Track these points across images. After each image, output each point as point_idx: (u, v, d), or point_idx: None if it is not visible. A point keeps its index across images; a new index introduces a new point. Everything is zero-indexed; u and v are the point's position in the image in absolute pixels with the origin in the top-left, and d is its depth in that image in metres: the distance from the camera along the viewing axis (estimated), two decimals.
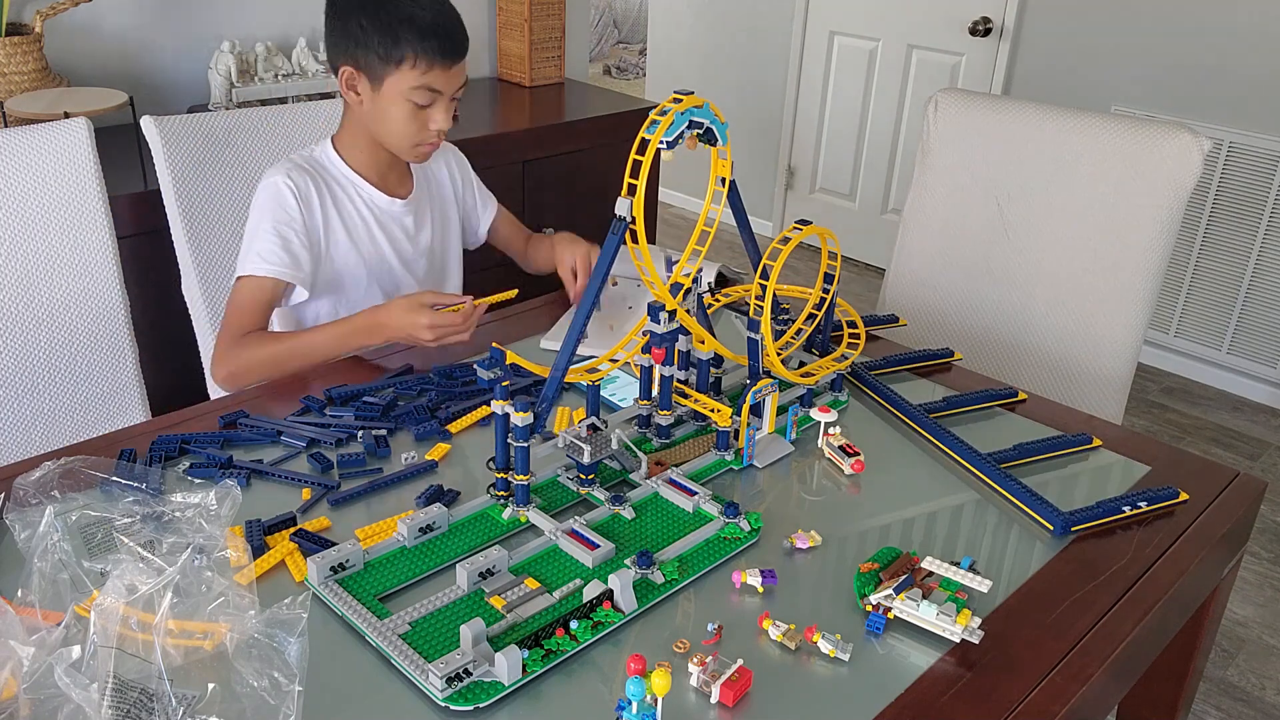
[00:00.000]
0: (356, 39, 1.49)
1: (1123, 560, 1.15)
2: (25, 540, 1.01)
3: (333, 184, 1.60)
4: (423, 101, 1.51)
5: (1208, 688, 2.13)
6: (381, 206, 1.63)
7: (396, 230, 1.66)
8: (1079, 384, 1.87)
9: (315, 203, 1.57)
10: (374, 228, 1.63)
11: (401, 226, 1.66)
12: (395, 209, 1.65)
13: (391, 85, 1.50)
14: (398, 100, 1.50)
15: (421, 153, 1.59)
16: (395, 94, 1.50)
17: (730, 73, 4.40)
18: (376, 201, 1.63)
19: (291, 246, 1.53)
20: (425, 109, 1.52)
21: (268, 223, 1.53)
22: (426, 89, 1.50)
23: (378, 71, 1.49)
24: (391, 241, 1.65)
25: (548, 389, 1.17)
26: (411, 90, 1.49)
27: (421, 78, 1.49)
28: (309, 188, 1.56)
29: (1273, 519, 2.70)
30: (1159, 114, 3.19)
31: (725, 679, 0.92)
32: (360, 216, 1.62)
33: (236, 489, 1.09)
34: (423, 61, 1.48)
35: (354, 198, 1.61)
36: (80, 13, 2.27)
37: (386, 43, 1.47)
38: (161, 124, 1.71)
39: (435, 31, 1.47)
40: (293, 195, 1.54)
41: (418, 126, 1.53)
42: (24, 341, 1.58)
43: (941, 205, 2.00)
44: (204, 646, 0.89)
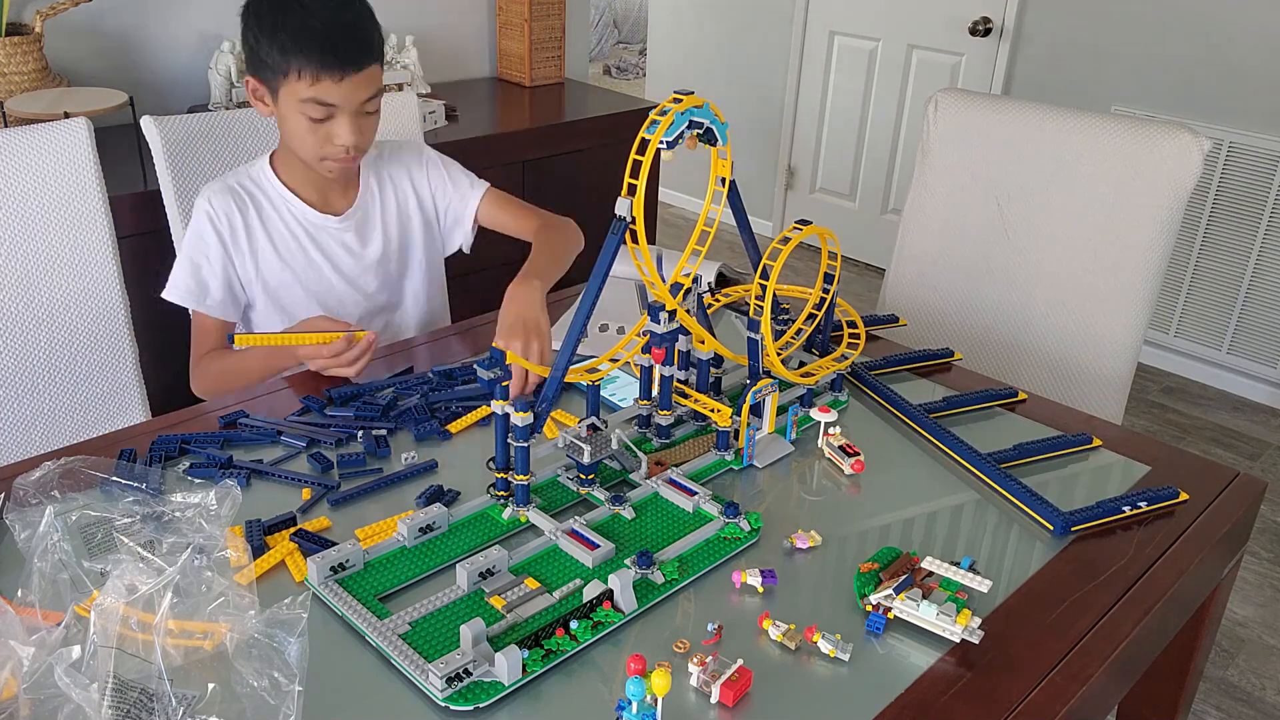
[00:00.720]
0: (251, 49, 1.44)
1: (1123, 560, 1.15)
2: (25, 540, 1.01)
3: (263, 202, 1.56)
4: (317, 115, 1.43)
5: (1208, 688, 2.13)
6: (314, 223, 1.58)
7: (335, 246, 1.60)
8: (1079, 384, 1.87)
9: (240, 226, 1.54)
10: (307, 245, 1.58)
11: (340, 243, 1.61)
12: (330, 225, 1.59)
13: (284, 98, 1.43)
14: (293, 114, 1.44)
15: (330, 168, 1.51)
16: (290, 107, 1.43)
17: (730, 73, 4.40)
18: (309, 218, 1.58)
19: (200, 274, 1.54)
20: (324, 123, 1.44)
21: (185, 249, 1.56)
22: (316, 102, 1.41)
23: (271, 83, 1.44)
24: (329, 258, 1.60)
25: (547, 389, 1.17)
26: (302, 103, 1.42)
27: (309, 90, 1.41)
28: (233, 211, 1.54)
29: (1273, 519, 2.70)
30: (1159, 114, 3.19)
31: (725, 679, 0.92)
32: (291, 234, 1.57)
33: (236, 489, 1.09)
34: (308, 73, 1.39)
35: (285, 215, 1.57)
36: (80, 13, 2.27)
37: (273, 53, 1.40)
38: (161, 124, 1.71)
39: (321, 42, 1.38)
40: (209, 222, 1.53)
41: (320, 140, 1.46)
42: (24, 341, 1.58)
43: (941, 205, 2.00)
44: (204, 646, 0.89)
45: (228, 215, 1.54)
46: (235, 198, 1.55)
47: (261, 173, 1.58)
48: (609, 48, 7.41)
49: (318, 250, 1.60)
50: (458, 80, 3.04)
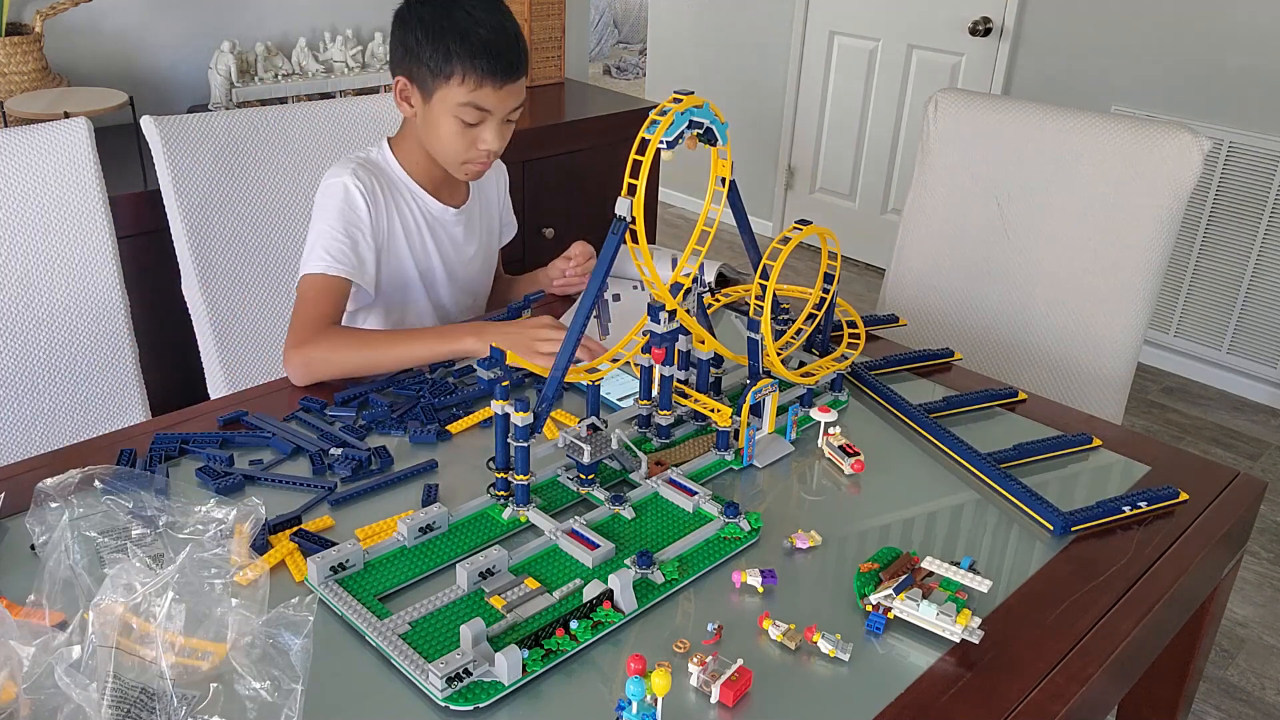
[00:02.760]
0: (411, 50, 1.47)
1: (1123, 560, 1.15)
2: (42, 545, 1.01)
3: (392, 187, 1.58)
4: (471, 120, 1.48)
5: (1208, 688, 2.13)
6: (435, 214, 1.62)
7: (445, 239, 1.64)
8: (1079, 384, 1.87)
9: (381, 203, 1.55)
10: (426, 235, 1.62)
11: (450, 236, 1.65)
12: (448, 217, 1.63)
13: (440, 100, 1.48)
14: (446, 116, 1.48)
15: (470, 171, 1.56)
16: (443, 109, 1.48)
17: (730, 73, 4.40)
18: (430, 209, 1.61)
19: (359, 248, 1.51)
20: (474, 127, 1.50)
21: (338, 222, 1.50)
22: (474, 107, 1.47)
23: (428, 85, 1.47)
24: (440, 250, 1.64)
25: (547, 389, 1.17)
26: (459, 107, 1.47)
27: (470, 95, 1.46)
28: (375, 188, 1.54)
29: (1273, 519, 2.70)
30: (1159, 114, 3.19)
31: (725, 679, 0.92)
32: (415, 222, 1.60)
33: (261, 508, 1.07)
34: (471, 79, 1.45)
35: (410, 202, 1.59)
36: (80, 13, 2.27)
37: (437, 57, 1.45)
38: (161, 124, 1.71)
39: (488, 50, 1.44)
40: (361, 196, 1.52)
41: (466, 144, 1.51)
42: (24, 341, 1.58)
43: (941, 205, 2.00)
44: (202, 666, 0.89)
45: (371, 191, 1.53)
46: (374, 175, 1.55)
47: (386, 159, 1.59)
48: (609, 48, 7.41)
49: (433, 239, 1.63)
50: None
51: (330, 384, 1.44)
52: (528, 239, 2.71)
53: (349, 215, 1.51)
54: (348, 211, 1.51)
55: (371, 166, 1.57)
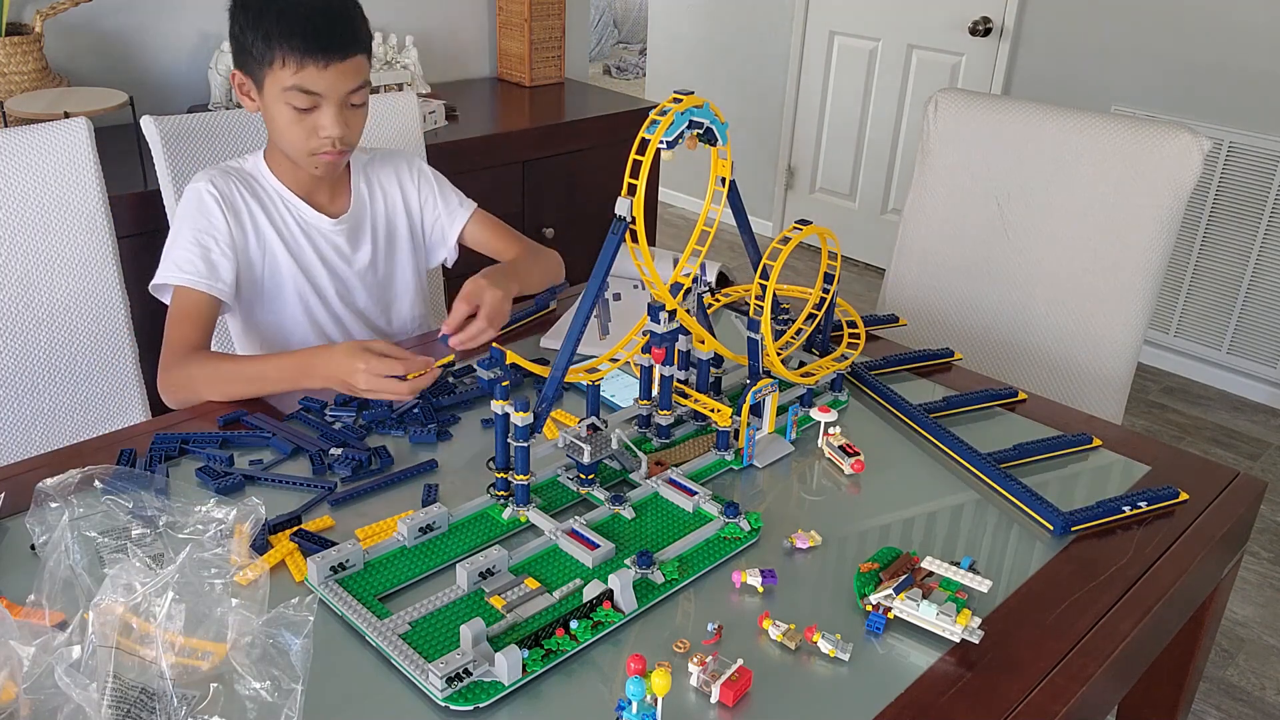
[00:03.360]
0: (238, 40, 1.41)
1: (1123, 560, 1.15)
2: (42, 545, 1.01)
3: (262, 195, 1.53)
4: (302, 105, 1.40)
5: (1208, 688, 2.13)
6: (310, 222, 1.55)
7: (327, 247, 1.58)
8: (1079, 384, 1.87)
9: (242, 209, 1.50)
10: (304, 242, 1.55)
11: (333, 245, 1.58)
12: (324, 226, 1.56)
13: (269, 88, 1.40)
14: (277, 103, 1.41)
15: (317, 163, 1.47)
16: (274, 97, 1.41)
17: (730, 73, 4.40)
18: (305, 216, 1.55)
19: (210, 256, 1.46)
20: (309, 113, 1.41)
21: (187, 231, 1.46)
22: (300, 90, 1.38)
23: (258, 74, 1.41)
24: (324, 260, 1.57)
25: (547, 389, 1.17)
26: (285, 92, 1.39)
27: (293, 78, 1.38)
28: (234, 194, 1.49)
29: (1273, 519, 2.70)
30: (1159, 114, 3.19)
31: (725, 679, 0.92)
32: (290, 230, 1.54)
33: (261, 508, 1.07)
34: (292, 60, 1.36)
35: (283, 211, 1.54)
36: (80, 13, 2.27)
37: (258, 42, 1.38)
38: (161, 124, 1.71)
39: (305, 27, 1.35)
40: (215, 202, 1.47)
41: (305, 133, 1.42)
42: (24, 341, 1.58)
43: (941, 205, 2.00)
44: (201, 666, 0.89)
45: (230, 197, 1.48)
46: (237, 181, 1.51)
47: (257, 167, 1.54)
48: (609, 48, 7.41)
49: (312, 248, 1.57)
50: (458, 80, 3.04)
51: None
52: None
53: (198, 222, 1.46)
54: (197, 218, 1.47)
55: (237, 174, 1.52)
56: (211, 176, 1.49)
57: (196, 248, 1.46)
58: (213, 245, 1.47)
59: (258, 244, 1.52)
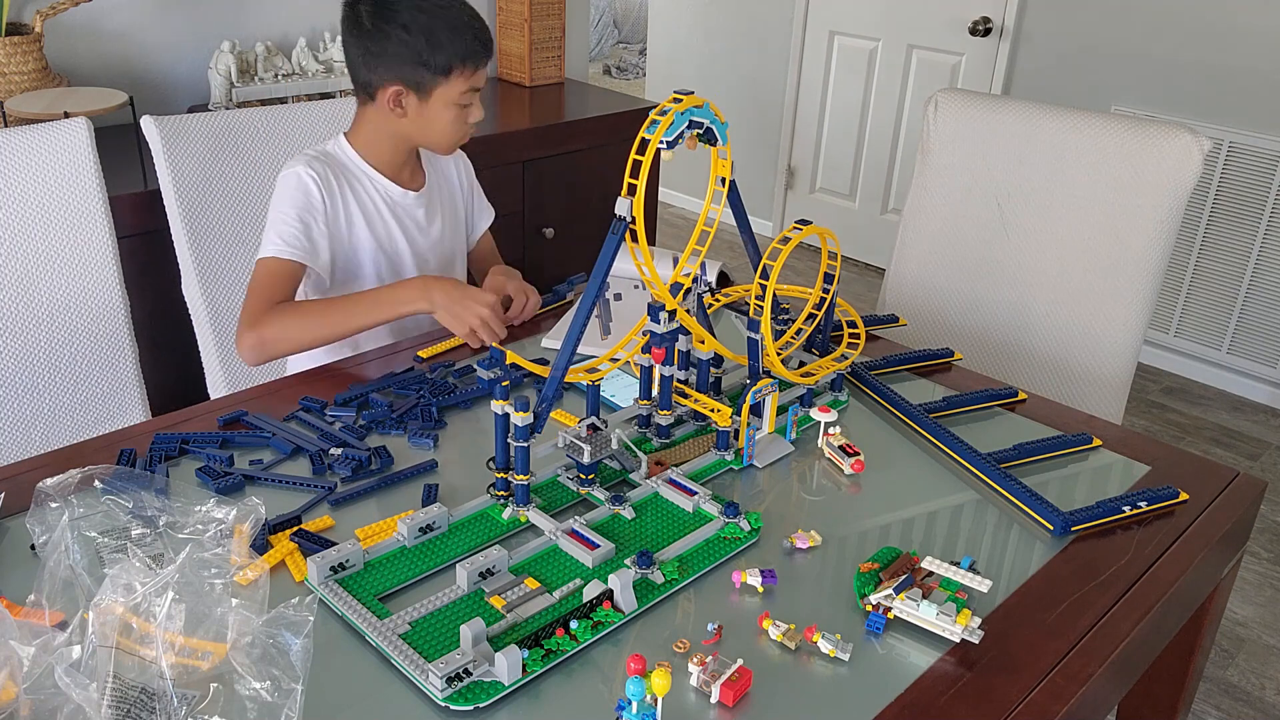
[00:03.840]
0: (400, 55, 1.49)
1: (1123, 560, 1.15)
2: (42, 545, 1.01)
3: (349, 175, 1.61)
4: (467, 103, 1.55)
5: (1208, 688, 2.13)
6: (395, 198, 1.64)
7: (409, 222, 1.67)
8: (1079, 384, 1.87)
9: (336, 191, 1.58)
10: (389, 218, 1.64)
11: (414, 218, 1.67)
12: (408, 200, 1.66)
13: (440, 95, 1.52)
14: (446, 107, 1.53)
15: (457, 145, 1.63)
16: (444, 102, 1.53)
17: (730, 73, 4.40)
18: (391, 193, 1.64)
19: (311, 233, 1.54)
20: (467, 108, 1.56)
21: (290, 209, 1.53)
22: (473, 90, 1.54)
23: (426, 85, 1.51)
24: (405, 232, 1.66)
25: (547, 389, 1.17)
26: (460, 95, 1.53)
27: (468, 81, 1.52)
28: (329, 176, 1.57)
29: (1273, 519, 2.70)
30: (1159, 114, 3.19)
31: (725, 679, 0.92)
32: (376, 207, 1.63)
33: (261, 507, 1.07)
34: (470, 65, 1.51)
35: (369, 189, 1.62)
36: (80, 13, 2.27)
37: (434, 55, 1.49)
38: (161, 124, 1.71)
39: (475, 36, 1.51)
40: (315, 184, 1.54)
41: (461, 125, 1.58)
42: (24, 341, 1.58)
43: (941, 205, 2.00)
44: (201, 667, 0.89)
45: (325, 180, 1.56)
46: (329, 165, 1.58)
47: (343, 150, 1.62)
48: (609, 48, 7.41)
49: (396, 223, 1.65)
50: None
51: (329, 384, 1.44)
52: (528, 239, 2.71)
53: (301, 201, 1.54)
54: (300, 198, 1.54)
55: (327, 158, 1.60)
56: (308, 160, 1.57)
57: (299, 224, 1.53)
58: (313, 223, 1.55)
59: (346, 222, 1.60)
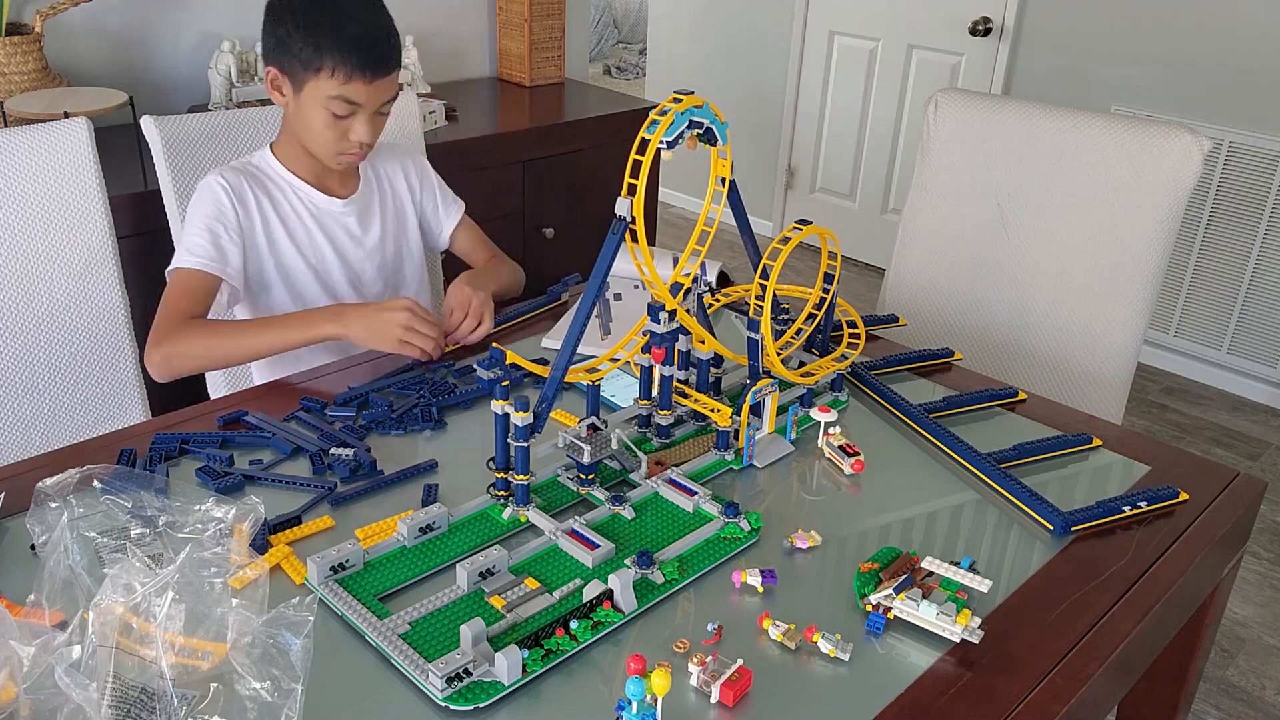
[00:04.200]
0: (282, 42, 1.47)
1: (1123, 560, 1.15)
2: (42, 545, 1.01)
3: (270, 186, 1.58)
4: (340, 112, 1.49)
5: (1208, 688, 2.13)
6: (320, 206, 1.62)
7: (338, 230, 1.64)
8: (1079, 384, 1.87)
9: (250, 200, 1.56)
10: (313, 228, 1.61)
11: (343, 226, 1.64)
12: (335, 209, 1.63)
13: (310, 92, 1.48)
14: (316, 107, 1.49)
15: (341, 161, 1.57)
16: (314, 101, 1.48)
17: (730, 73, 4.40)
18: (315, 201, 1.61)
19: (220, 241, 1.52)
20: (344, 119, 1.50)
21: (199, 219, 1.52)
22: (343, 100, 1.47)
23: (298, 76, 1.48)
24: (333, 241, 1.63)
25: (547, 389, 1.17)
26: (329, 99, 1.47)
27: (340, 88, 1.46)
28: (243, 186, 1.55)
29: (1273, 519, 2.70)
30: (1159, 114, 3.19)
31: (725, 679, 0.92)
32: (298, 217, 1.60)
33: (260, 506, 1.07)
34: (341, 73, 1.45)
35: (292, 199, 1.60)
36: (80, 13, 2.27)
37: (308, 50, 1.45)
38: (161, 124, 1.71)
39: (358, 45, 1.45)
40: (224, 192, 1.53)
41: (337, 136, 1.52)
42: (24, 341, 1.58)
43: (941, 205, 2.00)
44: (201, 667, 0.89)
45: (240, 191, 1.55)
46: (246, 177, 1.57)
47: (264, 160, 1.61)
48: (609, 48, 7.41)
49: (322, 233, 1.62)
50: (458, 80, 3.04)
51: (329, 386, 1.44)
52: (528, 239, 2.71)
53: (209, 211, 1.53)
54: (208, 208, 1.53)
55: (245, 169, 1.58)
56: (222, 171, 1.56)
57: (207, 234, 1.52)
58: (221, 232, 1.53)
59: (265, 234, 1.58)
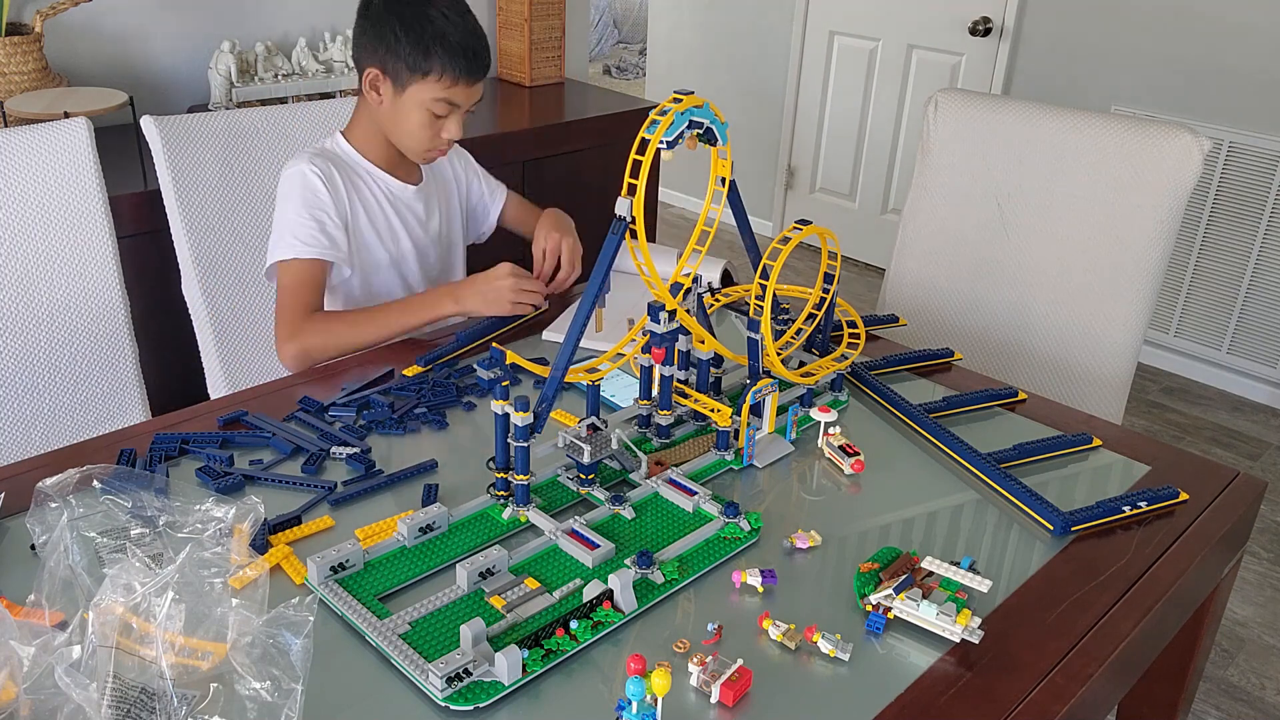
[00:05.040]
0: (388, 44, 1.53)
1: (1123, 560, 1.15)
2: (42, 545, 1.01)
3: (349, 171, 1.63)
4: (441, 112, 1.56)
5: (1208, 688, 2.13)
6: (395, 192, 1.67)
7: (410, 216, 1.70)
8: (1079, 384, 1.87)
9: (340, 185, 1.60)
10: (390, 213, 1.67)
11: (414, 213, 1.71)
12: (408, 195, 1.69)
13: (414, 93, 1.55)
14: (418, 108, 1.56)
15: (429, 157, 1.64)
16: (416, 102, 1.55)
17: (730, 73, 4.40)
18: (391, 187, 1.67)
19: (327, 228, 1.57)
20: (441, 119, 1.57)
21: (300, 208, 1.56)
22: (446, 102, 1.55)
23: (403, 78, 1.54)
24: (406, 227, 1.69)
25: (547, 388, 1.17)
26: (433, 101, 1.55)
27: (445, 91, 1.54)
28: (331, 172, 1.60)
29: (1273, 519, 2.70)
30: (1159, 114, 3.19)
31: (725, 679, 0.92)
32: (378, 201, 1.66)
33: (260, 506, 1.07)
34: (448, 76, 1.53)
35: (370, 184, 1.65)
36: (80, 13, 2.27)
37: (417, 54, 1.52)
38: (161, 124, 1.71)
39: (465, 51, 1.53)
40: (319, 179, 1.57)
41: (432, 134, 1.59)
42: (24, 341, 1.58)
43: (941, 205, 2.00)
44: (201, 667, 0.89)
45: (329, 175, 1.59)
46: (330, 161, 1.61)
47: (339, 146, 1.65)
48: (609, 48, 7.41)
49: (398, 217, 1.68)
50: None
51: (329, 384, 1.44)
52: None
53: (310, 199, 1.57)
54: (308, 195, 1.57)
55: (327, 155, 1.63)
56: (309, 158, 1.60)
57: (313, 222, 1.56)
58: (326, 218, 1.57)
59: (352, 216, 1.63)
